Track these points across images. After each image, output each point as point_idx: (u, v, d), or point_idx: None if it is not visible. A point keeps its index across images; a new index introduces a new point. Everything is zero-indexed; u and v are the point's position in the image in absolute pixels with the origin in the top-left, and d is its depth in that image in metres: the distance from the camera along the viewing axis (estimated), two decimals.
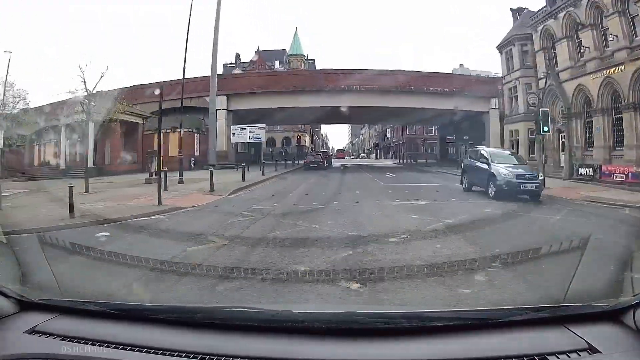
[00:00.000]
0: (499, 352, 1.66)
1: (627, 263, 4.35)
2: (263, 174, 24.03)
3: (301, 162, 38.80)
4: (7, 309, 2.03)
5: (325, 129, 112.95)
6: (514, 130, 30.49)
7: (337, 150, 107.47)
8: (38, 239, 5.49)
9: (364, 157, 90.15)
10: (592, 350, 1.63)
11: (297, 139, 44.01)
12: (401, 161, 49.13)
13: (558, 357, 1.61)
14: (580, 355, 1.62)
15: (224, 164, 31.07)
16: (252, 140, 31.68)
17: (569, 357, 1.62)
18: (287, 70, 41.05)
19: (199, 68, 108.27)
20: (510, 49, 31.02)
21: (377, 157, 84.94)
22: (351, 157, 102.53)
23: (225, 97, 35.00)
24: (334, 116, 39.84)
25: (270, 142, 60.76)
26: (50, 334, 1.89)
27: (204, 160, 33.23)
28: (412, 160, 46.71)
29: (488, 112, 35.31)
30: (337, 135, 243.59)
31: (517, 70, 30.25)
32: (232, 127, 32.14)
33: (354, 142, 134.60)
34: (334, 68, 36.90)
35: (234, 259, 6.17)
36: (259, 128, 31.68)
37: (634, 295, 1.95)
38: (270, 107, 35.43)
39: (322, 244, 7.11)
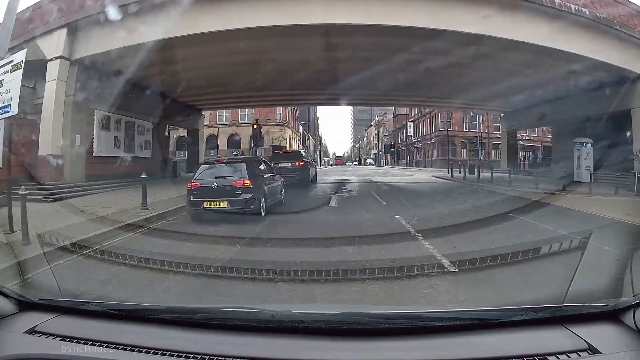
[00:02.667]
0: (499, 353, 1.66)
1: None
2: None
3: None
4: (7, 309, 2.04)
5: (322, 129, 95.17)
6: None
7: (337, 157, 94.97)
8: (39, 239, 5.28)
9: (371, 164, 71.58)
10: (592, 350, 1.63)
11: (255, 128, 21.57)
12: (451, 172, 25.67)
13: (558, 358, 1.61)
14: (580, 356, 1.61)
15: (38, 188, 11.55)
16: None
17: (569, 357, 1.61)
18: None
19: None
20: None
21: (390, 164, 65.14)
22: (353, 163, 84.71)
23: (64, 31, 14.04)
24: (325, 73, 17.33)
25: (234, 141, 40.41)
26: (50, 334, 1.89)
27: (27, 175, 13.56)
28: (463, 170, 24.74)
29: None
30: (338, 141, 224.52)
31: None
32: None
33: (357, 146, 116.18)
34: None
35: None
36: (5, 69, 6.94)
37: (634, 295, 1.91)
38: (176, 35, 12.95)
39: None
